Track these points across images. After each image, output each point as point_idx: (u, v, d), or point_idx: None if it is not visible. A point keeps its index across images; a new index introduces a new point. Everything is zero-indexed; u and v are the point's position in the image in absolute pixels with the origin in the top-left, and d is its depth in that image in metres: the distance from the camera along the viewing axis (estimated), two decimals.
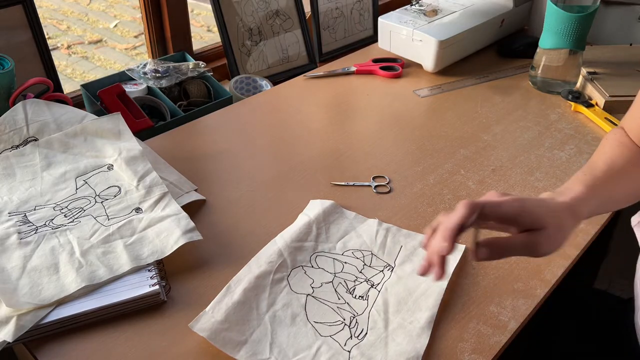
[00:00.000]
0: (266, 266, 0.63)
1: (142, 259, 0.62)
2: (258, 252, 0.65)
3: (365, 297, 0.61)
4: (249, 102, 1.01)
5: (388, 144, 0.89)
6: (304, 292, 0.62)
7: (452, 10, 1.13)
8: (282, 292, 0.61)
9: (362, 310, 0.60)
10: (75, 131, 0.77)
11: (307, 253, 0.66)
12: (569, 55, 0.98)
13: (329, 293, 0.62)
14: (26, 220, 0.67)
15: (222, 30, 1.13)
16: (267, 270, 0.62)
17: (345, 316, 0.59)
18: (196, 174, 0.80)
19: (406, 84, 1.07)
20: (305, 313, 0.59)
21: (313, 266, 0.65)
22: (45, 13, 3.34)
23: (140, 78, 1.03)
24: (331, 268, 0.65)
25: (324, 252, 0.67)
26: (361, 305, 0.61)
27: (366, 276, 0.64)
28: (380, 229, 0.70)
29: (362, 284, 0.63)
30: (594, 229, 0.71)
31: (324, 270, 0.64)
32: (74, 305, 0.57)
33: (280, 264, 0.64)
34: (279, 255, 0.64)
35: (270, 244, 0.66)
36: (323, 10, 1.27)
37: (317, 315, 0.59)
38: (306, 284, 0.63)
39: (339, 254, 0.67)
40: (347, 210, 0.73)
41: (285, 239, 0.67)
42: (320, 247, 0.67)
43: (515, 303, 0.61)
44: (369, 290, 0.62)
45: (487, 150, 0.87)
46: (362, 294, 0.62)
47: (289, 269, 0.64)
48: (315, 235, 0.68)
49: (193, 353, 0.55)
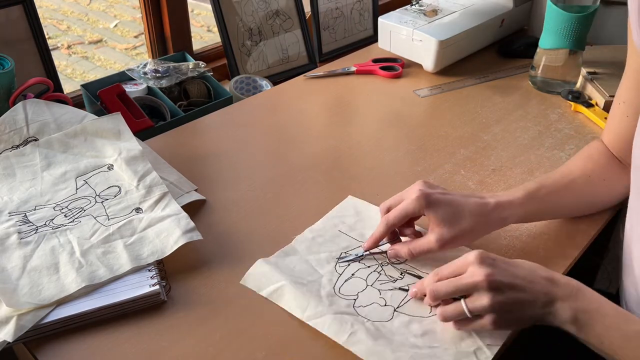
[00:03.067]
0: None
1: (142, 259, 0.63)
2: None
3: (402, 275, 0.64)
4: (249, 102, 1.01)
5: (388, 144, 0.89)
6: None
7: (452, 10, 1.13)
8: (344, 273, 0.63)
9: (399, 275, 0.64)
10: (75, 131, 0.77)
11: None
12: (569, 55, 0.98)
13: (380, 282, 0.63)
14: (26, 220, 0.67)
15: (222, 30, 1.13)
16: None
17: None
18: (196, 174, 0.80)
19: (406, 84, 1.07)
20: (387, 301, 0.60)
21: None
22: (45, 13, 3.34)
23: (140, 78, 1.04)
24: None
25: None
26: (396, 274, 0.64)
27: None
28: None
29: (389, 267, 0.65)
30: (594, 229, 0.71)
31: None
32: (74, 305, 0.57)
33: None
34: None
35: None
36: (323, 10, 1.27)
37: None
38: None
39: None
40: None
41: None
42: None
43: None
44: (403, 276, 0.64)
45: (487, 150, 0.87)
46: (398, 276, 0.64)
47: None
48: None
49: (193, 353, 0.55)
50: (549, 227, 0.72)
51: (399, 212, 0.62)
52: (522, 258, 0.66)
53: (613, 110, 0.71)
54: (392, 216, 0.62)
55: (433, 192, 0.62)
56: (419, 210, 0.61)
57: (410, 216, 0.62)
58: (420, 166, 0.83)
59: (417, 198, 0.61)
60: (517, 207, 0.64)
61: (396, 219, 0.62)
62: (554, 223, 0.72)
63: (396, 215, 0.62)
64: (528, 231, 0.71)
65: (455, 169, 0.82)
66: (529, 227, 0.71)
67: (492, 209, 0.63)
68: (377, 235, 0.64)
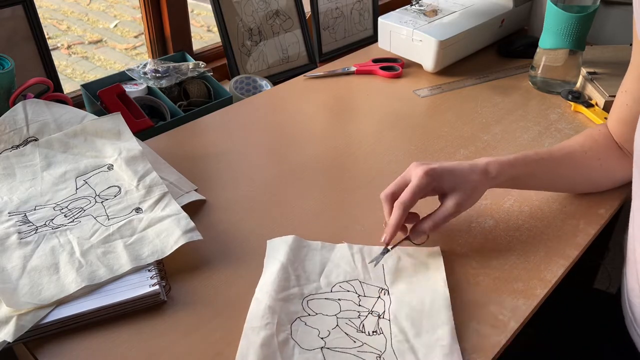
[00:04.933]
0: (265, 330, 0.55)
1: (142, 259, 0.63)
2: (247, 311, 0.58)
3: (379, 332, 0.57)
4: (249, 102, 1.01)
5: (388, 144, 0.89)
6: (316, 346, 0.56)
7: (452, 10, 1.13)
8: (295, 354, 0.55)
9: (383, 346, 0.56)
10: (75, 131, 0.77)
11: (297, 301, 0.60)
12: (569, 55, 0.98)
13: (341, 339, 0.56)
14: (26, 220, 0.67)
15: (222, 30, 1.13)
16: (268, 335, 0.55)
17: (370, 359, 0.55)
18: (196, 174, 0.80)
19: (406, 84, 1.07)
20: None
21: (310, 314, 0.59)
22: (45, 13, 3.34)
23: (140, 78, 1.04)
24: (329, 310, 0.59)
25: (312, 294, 0.61)
26: (380, 341, 0.56)
27: (367, 307, 0.60)
28: (354, 253, 0.66)
29: (369, 318, 0.59)
30: (594, 229, 0.71)
31: (323, 315, 0.59)
32: (74, 305, 0.57)
33: (277, 322, 0.57)
34: (272, 313, 0.57)
35: (255, 303, 0.59)
36: (323, 10, 1.27)
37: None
38: (314, 337, 0.57)
39: (328, 292, 0.61)
40: (311, 241, 0.68)
41: (269, 292, 0.59)
42: (307, 290, 0.61)
43: (515, 303, 0.61)
44: (378, 322, 0.58)
45: (487, 150, 0.87)
46: (375, 329, 0.57)
47: (287, 325, 0.57)
48: (296, 278, 0.62)
49: (193, 353, 0.55)
50: (549, 227, 0.72)
51: (413, 191, 0.62)
52: (522, 258, 0.67)
53: (617, 97, 0.74)
54: (406, 197, 0.62)
55: (433, 166, 0.64)
56: (430, 184, 0.63)
57: (422, 193, 0.63)
58: None
59: (426, 173, 0.63)
60: (507, 167, 0.67)
61: (410, 198, 0.62)
62: (554, 223, 0.72)
63: (410, 195, 0.62)
64: (528, 231, 0.71)
65: None
66: (529, 227, 0.71)
67: (483, 168, 0.66)
68: (395, 222, 0.62)
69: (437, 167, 0.64)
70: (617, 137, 0.74)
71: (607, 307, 0.75)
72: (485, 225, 0.72)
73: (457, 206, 0.64)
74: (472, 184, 0.65)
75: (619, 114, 0.73)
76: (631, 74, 0.70)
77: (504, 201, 0.76)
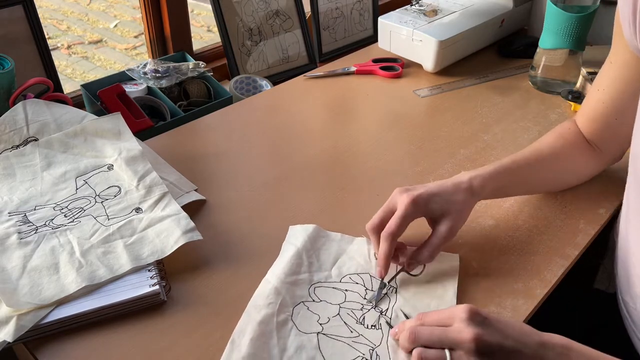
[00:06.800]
0: (266, 309, 0.57)
1: (142, 259, 0.62)
2: (253, 294, 0.60)
3: (378, 326, 0.58)
4: (249, 102, 1.01)
5: (388, 144, 0.89)
6: (313, 330, 0.57)
7: (452, 10, 1.13)
8: (290, 335, 0.56)
9: (379, 340, 0.56)
10: (75, 131, 0.77)
11: (304, 286, 0.61)
12: (569, 55, 0.98)
13: (339, 327, 0.57)
14: (26, 220, 0.67)
15: (222, 30, 1.13)
16: (268, 314, 0.57)
17: (363, 350, 0.55)
18: (196, 174, 0.80)
19: (406, 84, 1.07)
20: (321, 354, 0.55)
21: (314, 300, 0.60)
22: (45, 13, 3.34)
23: (140, 78, 1.04)
24: (333, 299, 0.60)
25: (321, 282, 0.62)
26: (376, 335, 0.57)
27: (372, 302, 0.61)
28: (370, 248, 0.67)
29: (371, 312, 0.59)
30: (594, 229, 0.71)
31: (327, 303, 0.60)
32: (74, 305, 0.57)
33: (280, 303, 0.58)
34: (276, 294, 0.59)
35: (264, 283, 0.61)
36: (323, 10, 1.27)
37: (334, 354, 0.55)
38: (313, 322, 0.58)
39: (337, 282, 0.63)
40: (332, 232, 0.69)
41: (279, 275, 0.61)
42: (316, 277, 0.63)
43: (515, 303, 0.61)
44: (379, 318, 0.59)
45: (487, 150, 0.87)
46: (374, 323, 0.58)
47: (290, 307, 0.59)
48: (308, 265, 0.64)
49: (193, 353, 0.55)
50: (549, 227, 0.72)
51: (399, 220, 0.60)
52: (522, 258, 0.67)
53: (590, 94, 0.74)
54: (393, 227, 0.60)
55: (418, 192, 0.62)
56: (417, 212, 0.61)
57: (409, 221, 0.61)
58: (420, 166, 0.83)
59: (412, 202, 0.60)
60: (489, 180, 0.66)
61: (397, 228, 0.60)
62: (554, 223, 0.72)
63: (396, 225, 0.60)
64: (528, 231, 0.71)
65: (455, 169, 0.82)
66: (529, 227, 0.71)
67: (467, 186, 0.64)
68: (384, 254, 0.61)
69: (422, 193, 0.61)
70: (588, 133, 0.74)
71: (607, 307, 0.75)
72: (485, 225, 0.72)
73: (450, 230, 0.62)
74: (459, 205, 0.63)
75: (593, 111, 0.72)
76: (610, 73, 0.69)
77: (504, 201, 0.76)
